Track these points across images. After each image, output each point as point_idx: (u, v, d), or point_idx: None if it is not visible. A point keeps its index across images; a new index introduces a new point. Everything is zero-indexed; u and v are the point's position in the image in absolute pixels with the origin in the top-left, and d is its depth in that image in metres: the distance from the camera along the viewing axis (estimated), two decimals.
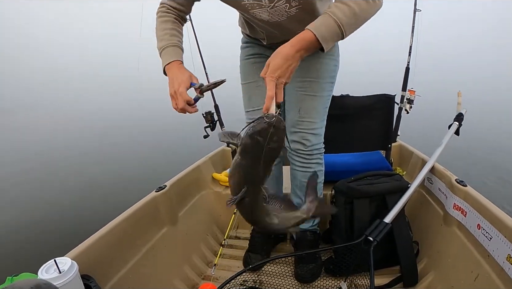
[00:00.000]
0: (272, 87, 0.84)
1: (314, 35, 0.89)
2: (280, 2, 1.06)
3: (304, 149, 1.36)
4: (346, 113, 1.98)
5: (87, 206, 3.60)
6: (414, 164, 1.91)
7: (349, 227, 1.43)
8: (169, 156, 5.15)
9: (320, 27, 0.90)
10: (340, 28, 0.90)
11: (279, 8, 1.08)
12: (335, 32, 0.91)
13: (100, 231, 1.13)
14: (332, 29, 0.90)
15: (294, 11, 1.09)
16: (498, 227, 1.05)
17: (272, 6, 1.07)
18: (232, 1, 1.11)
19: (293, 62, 0.88)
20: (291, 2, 1.06)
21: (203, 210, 1.81)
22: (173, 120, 8.31)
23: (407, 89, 2.27)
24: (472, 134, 4.91)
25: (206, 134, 2.17)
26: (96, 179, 4.49)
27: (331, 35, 0.91)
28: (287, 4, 1.06)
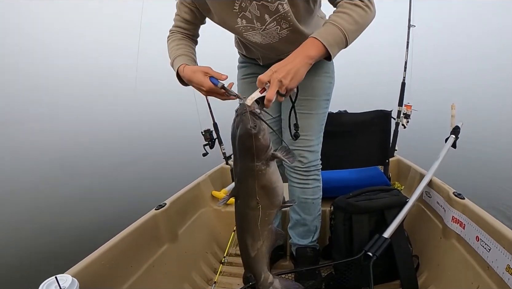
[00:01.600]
0: (264, 76, 0.85)
1: (320, 42, 0.91)
2: (271, 25, 1.10)
3: (301, 166, 1.38)
4: (343, 130, 2.00)
5: (87, 224, 3.60)
6: (412, 178, 1.92)
7: (348, 243, 1.42)
8: (169, 174, 5.16)
9: (324, 34, 0.93)
10: (343, 34, 0.93)
11: (271, 31, 1.12)
12: (339, 38, 0.93)
13: (101, 248, 1.14)
14: (335, 35, 0.93)
15: (285, 32, 1.13)
16: (497, 238, 1.06)
17: (264, 28, 1.11)
18: (227, 25, 1.16)
19: (294, 62, 0.88)
20: (281, 24, 1.10)
21: (202, 227, 1.81)
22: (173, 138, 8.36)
23: (403, 104, 2.31)
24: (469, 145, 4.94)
25: (205, 152, 2.19)
26: (97, 197, 4.49)
27: (335, 40, 0.93)
28: (278, 27, 1.11)
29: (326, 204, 1.59)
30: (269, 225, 0.88)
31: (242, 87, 1.48)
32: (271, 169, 0.80)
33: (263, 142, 0.77)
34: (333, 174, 1.98)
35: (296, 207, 1.49)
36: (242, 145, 0.77)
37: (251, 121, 0.75)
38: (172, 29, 1.23)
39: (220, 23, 1.18)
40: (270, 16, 1.08)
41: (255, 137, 0.75)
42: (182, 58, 1.12)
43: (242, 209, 0.85)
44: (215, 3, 1.10)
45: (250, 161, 0.78)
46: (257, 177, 0.79)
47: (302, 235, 1.52)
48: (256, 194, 0.81)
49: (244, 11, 1.08)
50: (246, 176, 0.80)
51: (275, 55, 1.25)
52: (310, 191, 1.43)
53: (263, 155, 0.78)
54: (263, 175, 0.79)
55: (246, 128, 0.74)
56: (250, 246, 0.89)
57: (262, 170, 0.79)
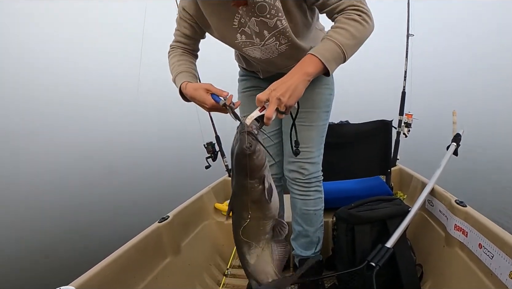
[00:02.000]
0: (262, 95, 0.86)
1: (317, 58, 0.91)
2: (270, 40, 1.12)
3: (302, 178, 1.38)
4: (344, 140, 2.01)
5: (91, 235, 3.61)
6: (414, 187, 1.92)
7: (351, 253, 1.42)
8: (172, 187, 5.17)
9: (321, 50, 0.93)
10: (341, 49, 0.92)
11: (270, 46, 1.15)
12: (336, 53, 0.93)
13: (104, 260, 1.15)
14: (333, 51, 0.93)
15: (284, 48, 1.15)
16: (499, 245, 1.06)
17: (263, 44, 1.14)
18: (227, 40, 1.19)
19: (292, 79, 0.89)
20: (280, 40, 1.12)
21: (205, 239, 1.81)
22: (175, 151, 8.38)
23: (404, 113, 2.33)
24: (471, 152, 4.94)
25: (207, 165, 2.21)
26: (100, 209, 4.50)
27: (333, 56, 0.93)
28: (277, 42, 1.13)
29: (329, 214, 1.59)
30: (265, 234, 0.90)
31: (243, 100, 1.49)
32: (264, 185, 0.83)
33: (257, 162, 0.80)
34: (335, 184, 1.98)
35: (298, 218, 1.49)
36: (238, 163, 0.80)
37: (247, 142, 0.78)
38: (173, 44, 1.25)
39: (220, 38, 1.20)
40: (269, 32, 1.10)
41: (249, 157, 0.78)
42: (183, 75, 1.14)
43: (236, 221, 0.88)
44: (214, 19, 1.12)
45: (244, 178, 0.81)
46: (249, 193, 0.82)
47: (304, 246, 1.52)
48: (249, 208, 0.84)
49: (243, 27, 1.11)
50: (240, 191, 0.84)
51: (274, 69, 1.27)
52: (312, 203, 1.43)
53: (257, 173, 0.81)
54: (256, 191, 0.82)
55: (242, 148, 0.78)
56: (248, 255, 0.91)
57: (255, 187, 0.82)
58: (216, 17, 1.12)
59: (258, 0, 1.01)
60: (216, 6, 1.08)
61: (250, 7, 1.04)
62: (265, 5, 1.02)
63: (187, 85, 1.08)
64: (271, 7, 1.03)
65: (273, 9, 1.03)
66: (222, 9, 1.08)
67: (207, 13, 1.12)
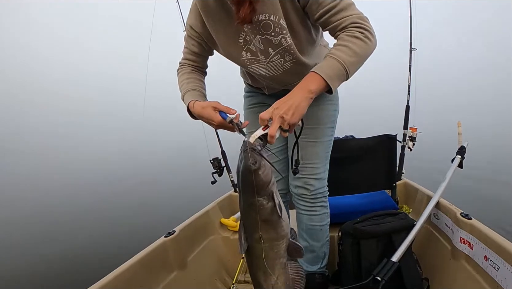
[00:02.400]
0: (265, 113, 0.88)
1: (319, 75, 0.92)
2: (275, 58, 1.15)
3: (308, 194, 1.39)
4: (350, 155, 2.02)
5: (97, 251, 3.61)
6: (419, 201, 1.92)
7: (357, 268, 1.42)
8: (178, 201, 5.18)
9: (324, 68, 0.94)
10: (343, 66, 0.93)
11: (275, 63, 1.17)
12: (339, 70, 0.94)
13: (110, 274, 1.16)
14: (335, 68, 0.93)
15: (289, 65, 1.18)
16: (505, 256, 1.06)
17: (268, 61, 1.16)
18: (232, 57, 1.22)
19: (294, 97, 0.90)
20: (285, 57, 1.15)
21: (211, 254, 1.81)
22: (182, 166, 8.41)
23: (408, 127, 2.34)
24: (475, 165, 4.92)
25: (213, 180, 2.22)
26: (106, 224, 4.51)
27: (335, 74, 0.94)
28: (281, 59, 1.15)
29: (335, 229, 1.59)
30: (280, 258, 0.87)
31: (248, 116, 1.51)
32: (273, 202, 0.81)
33: (264, 178, 0.79)
34: (341, 199, 1.98)
35: (304, 233, 1.49)
36: (244, 180, 0.79)
37: (251, 158, 0.77)
38: (182, 62, 1.28)
39: (226, 56, 1.23)
40: (274, 49, 1.12)
41: (255, 173, 0.77)
42: (191, 94, 1.16)
43: (249, 245, 0.85)
44: (220, 37, 1.15)
45: (252, 196, 0.79)
46: (258, 211, 0.80)
47: (310, 262, 1.52)
48: (259, 228, 0.82)
49: (248, 44, 1.14)
50: (248, 210, 0.82)
51: (279, 86, 1.30)
52: (318, 218, 1.44)
53: (264, 190, 0.80)
54: (266, 209, 0.80)
55: (247, 165, 0.77)
56: (264, 281, 0.87)
57: (264, 204, 0.80)
58: (222, 35, 1.15)
59: (262, 19, 1.04)
60: (222, 24, 1.12)
61: (254, 25, 1.06)
62: (270, 23, 1.05)
63: (195, 103, 1.10)
64: (275, 25, 1.05)
65: (278, 27, 1.06)
66: (227, 27, 1.11)
67: (213, 31, 1.15)
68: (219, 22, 1.12)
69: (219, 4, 1.08)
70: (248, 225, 0.84)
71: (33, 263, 3.45)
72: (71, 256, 3.51)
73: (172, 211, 4.56)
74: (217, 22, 1.12)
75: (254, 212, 0.80)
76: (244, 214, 0.84)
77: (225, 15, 1.09)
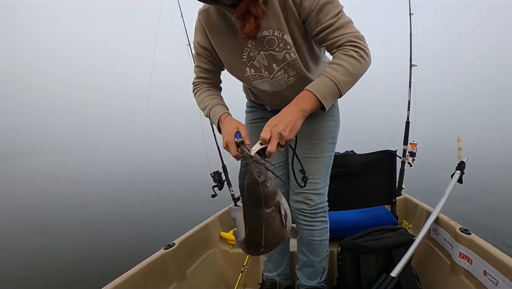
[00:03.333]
0: (265, 132, 0.89)
1: (312, 93, 0.95)
2: (279, 73, 1.17)
3: (308, 209, 1.39)
4: (350, 171, 2.03)
5: (95, 262, 3.59)
6: (419, 216, 1.92)
7: (356, 283, 1.41)
8: (178, 214, 5.17)
9: (317, 86, 0.97)
10: (336, 85, 0.96)
11: (279, 79, 1.19)
12: (332, 89, 0.96)
13: (109, 285, 1.16)
14: (329, 87, 0.96)
15: (293, 80, 1.19)
16: (503, 271, 1.07)
17: (272, 77, 1.18)
18: (236, 74, 1.24)
19: (290, 114, 0.93)
20: (289, 72, 1.17)
21: (211, 268, 1.81)
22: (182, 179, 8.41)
23: (408, 142, 2.36)
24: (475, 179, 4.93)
25: (214, 194, 2.23)
26: (105, 236, 4.49)
27: (328, 92, 0.96)
28: (285, 75, 1.17)
29: (334, 244, 1.59)
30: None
31: (250, 131, 1.49)
32: (280, 214, 0.82)
33: (271, 189, 0.79)
34: (340, 214, 1.98)
35: (304, 248, 1.49)
36: (250, 192, 0.79)
37: (256, 170, 0.78)
38: (196, 82, 1.29)
39: (230, 71, 1.25)
40: (278, 65, 1.14)
41: (262, 185, 0.78)
42: (220, 108, 1.16)
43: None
44: (224, 53, 1.18)
45: (259, 208, 0.79)
46: (266, 223, 0.80)
47: (309, 276, 1.51)
48: (262, 239, 0.82)
49: (252, 60, 1.16)
50: (257, 223, 0.81)
51: (281, 102, 1.31)
52: (317, 233, 1.44)
53: (271, 201, 0.80)
54: (274, 220, 0.81)
55: (253, 177, 0.77)
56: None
57: (273, 216, 0.81)
58: (226, 51, 1.17)
59: (266, 34, 1.06)
60: (226, 41, 1.14)
61: (259, 41, 1.08)
62: (274, 39, 1.07)
63: (227, 116, 1.12)
64: (279, 41, 1.07)
65: (282, 43, 1.08)
66: (231, 43, 1.14)
67: (218, 47, 1.17)
68: (224, 38, 1.14)
69: (223, 20, 1.11)
70: (254, 237, 0.84)
71: None
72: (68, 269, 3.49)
73: (171, 223, 4.54)
74: (222, 38, 1.14)
75: (261, 225, 0.80)
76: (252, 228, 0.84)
77: (229, 32, 1.12)
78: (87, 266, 3.52)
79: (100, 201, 6.70)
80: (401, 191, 2.28)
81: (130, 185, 8.17)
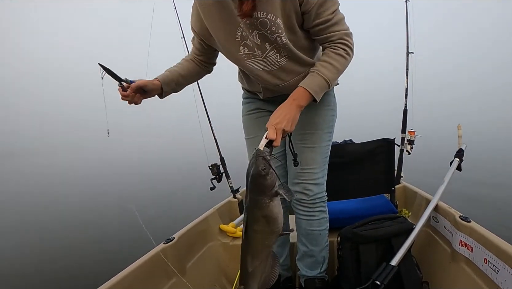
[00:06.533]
0: (271, 133, 0.99)
1: (307, 91, 1.09)
2: (271, 53, 1.19)
3: (306, 199, 1.40)
4: (348, 160, 2.02)
5: (96, 257, 3.61)
6: (419, 204, 1.92)
7: (356, 273, 1.42)
8: (177, 208, 5.18)
9: (310, 84, 1.10)
10: (326, 82, 1.11)
11: (271, 58, 1.21)
12: (323, 85, 1.12)
13: (109, 281, 1.16)
14: (321, 84, 1.11)
15: (284, 60, 1.21)
16: (504, 259, 1.06)
17: (265, 56, 1.20)
18: (231, 54, 1.26)
19: (290, 112, 1.05)
20: (280, 52, 1.19)
21: (211, 261, 1.81)
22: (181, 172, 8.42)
23: (406, 130, 2.35)
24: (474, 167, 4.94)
25: (212, 186, 2.22)
26: (104, 230, 4.51)
27: (320, 88, 1.12)
28: (277, 54, 1.20)
29: (334, 234, 1.59)
30: (268, 248, 1.00)
31: (247, 122, 1.53)
32: (273, 202, 0.94)
33: (270, 182, 0.92)
34: (340, 204, 1.98)
35: (303, 238, 1.49)
36: (253, 182, 0.92)
37: (262, 165, 0.91)
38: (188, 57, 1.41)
39: (225, 52, 1.28)
40: (270, 44, 1.17)
41: (264, 178, 0.91)
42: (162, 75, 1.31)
43: (247, 232, 0.97)
44: (219, 33, 1.20)
45: (258, 195, 0.93)
46: (261, 208, 0.93)
47: (310, 267, 1.51)
48: (259, 221, 0.95)
49: (245, 39, 1.18)
50: (253, 207, 0.94)
51: (273, 86, 1.30)
52: (316, 223, 1.44)
53: (269, 192, 0.93)
54: (267, 207, 0.94)
55: (258, 170, 0.91)
56: (249, 263, 0.99)
57: (266, 202, 0.93)
58: (220, 31, 1.20)
59: (260, 16, 1.09)
60: (220, 21, 1.16)
61: (252, 20, 1.11)
62: (267, 21, 1.10)
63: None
64: (272, 24, 1.10)
65: (274, 26, 1.11)
66: (225, 24, 1.16)
67: (212, 28, 1.20)
68: (218, 19, 1.16)
69: (217, 2, 1.13)
70: (251, 218, 0.96)
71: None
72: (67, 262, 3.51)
73: (171, 217, 4.55)
74: (216, 19, 1.17)
75: (256, 209, 0.94)
76: (248, 209, 0.97)
77: (223, 12, 1.14)
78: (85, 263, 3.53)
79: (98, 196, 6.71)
80: (400, 179, 2.28)
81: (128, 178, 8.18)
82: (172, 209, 5.28)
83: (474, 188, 4.71)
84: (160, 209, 5.40)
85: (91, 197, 6.69)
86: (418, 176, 3.22)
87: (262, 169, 0.91)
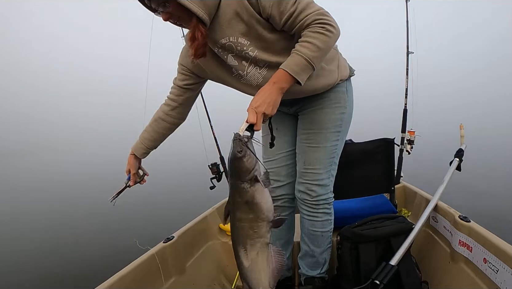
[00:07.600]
0: (251, 116, 0.96)
1: (286, 72, 1.02)
2: (250, 68, 1.19)
3: (310, 199, 1.38)
4: (348, 160, 1.99)
5: (96, 255, 3.61)
6: (418, 204, 1.92)
7: (356, 272, 1.41)
8: (177, 207, 5.18)
9: (289, 64, 1.03)
10: (308, 61, 1.03)
11: (253, 73, 1.20)
12: (305, 65, 1.03)
13: (109, 280, 1.16)
14: (302, 64, 1.03)
15: (265, 71, 1.19)
16: (503, 259, 1.06)
17: (246, 73, 1.20)
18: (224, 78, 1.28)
19: (271, 94, 1.01)
20: (258, 64, 1.18)
21: (210, 260, 1.81)
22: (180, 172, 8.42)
23: (406, 130, 2.34)
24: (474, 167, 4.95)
25: (212, 186, 2.22)
26: (104, 229, 4.51)
27: (301, 68, 1.03)
28: (256, 67, 1.19)
29: (334, 234, 1.58)
30: (260, 237, 0.95)
31: None
32: (254, 187, 0.90)
33: (247, 165, 0.89)
34: (339, 204, 1.96)
35: (306, 238, 1.49)
36: (231, 166, 0.90)
37: (238, 147, 0.89)
38: (167, 96, 1.39)
39: (217, 80, 1.32)
40: (246, 61, 1.18)
41: (240, 160, 0.88)
42: (138, 142, 1.46)
43: (232, 221, 0.95)
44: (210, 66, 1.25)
45: (237, 179, 0.90)
46: (241, 193, 0.90)
47: (310, 266, 1.51)
48: (242, 208, 0.92)
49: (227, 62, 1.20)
50: (233, 192, 0.92)
51: None
52: (319, 224, 1.43)
53: (248, 175, 0.89)
54: (246, 192, 0.90)
55: (235, 152, 0.89)
56: (243, 256, 0.96)
57: (246, 187, 0.90)
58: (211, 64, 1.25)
59: (224, 42, 1.12)
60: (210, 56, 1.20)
61: (222, 48, 1.15)
62: (231, 44, 1.13)
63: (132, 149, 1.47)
64: (235, 44, 1.12)
65: (238, 46, 1.13)
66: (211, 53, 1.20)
67: (203, 64, 1.25)
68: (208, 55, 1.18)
69: None
70: (232, 205, 0.94)
71: None
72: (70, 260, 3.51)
73: (170, 216, 4.55)
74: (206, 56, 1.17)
75: (237, 194, 0.91)
76: (230, 196, 0.94)
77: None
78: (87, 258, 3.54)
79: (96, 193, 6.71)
80: (399, 179, 2.28)
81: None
82: (172, 208, 5.27)
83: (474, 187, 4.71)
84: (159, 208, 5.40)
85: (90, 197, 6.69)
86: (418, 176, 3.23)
87: (238, 151, 0.88)
